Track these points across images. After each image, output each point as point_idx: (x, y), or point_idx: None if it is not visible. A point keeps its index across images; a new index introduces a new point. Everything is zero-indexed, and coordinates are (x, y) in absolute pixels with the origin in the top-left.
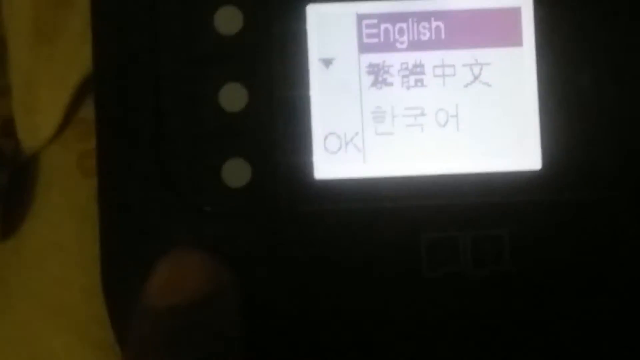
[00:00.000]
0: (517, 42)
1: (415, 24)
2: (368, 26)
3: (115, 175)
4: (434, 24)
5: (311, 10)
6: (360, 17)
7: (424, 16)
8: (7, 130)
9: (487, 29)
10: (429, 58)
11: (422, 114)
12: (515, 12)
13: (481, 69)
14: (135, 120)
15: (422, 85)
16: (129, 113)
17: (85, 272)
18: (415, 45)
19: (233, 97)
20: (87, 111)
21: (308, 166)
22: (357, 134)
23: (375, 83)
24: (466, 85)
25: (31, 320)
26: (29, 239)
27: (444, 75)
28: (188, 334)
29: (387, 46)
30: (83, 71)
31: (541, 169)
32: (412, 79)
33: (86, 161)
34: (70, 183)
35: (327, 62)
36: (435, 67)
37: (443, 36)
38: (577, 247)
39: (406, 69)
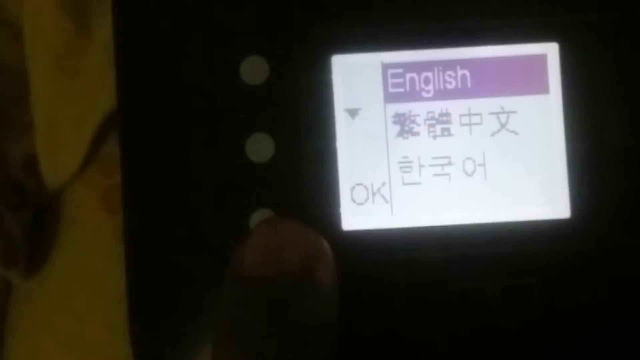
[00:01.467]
0: (544, 89)
1: (440, 73)
2: (393, 76)
3: (140, 214)
4: (460, 72)
5: (336, 61)
6: (386, 67)
7: (450, 65)
8: (29, 168)
9: (514, 77)
10: (455, 107)
11: (449, 164)
12: (541, 60)
13: (508, 117)
14: (162, 165)
15: (449, 134)
16: (155, 158)
17: (110, 309)
18: (441, 94)
19: (260, 147)
20: (110, 148)
21: (335, 217)
22: (384, 184)
23: (401, 133)
24: (493, 134)
25: (54, 357)
26: (53, 276)
27: (470, 124)
28: (286, 304)
29: (413, 95)
30: (105, 108)
31: (570, 218)
32: (438, 128)
33: (110, 198)
34: (94, 220)
35: (353, 113)
36: (461, 115)
37: (469, 85)
38: (608, 296)
39: (432, 118)
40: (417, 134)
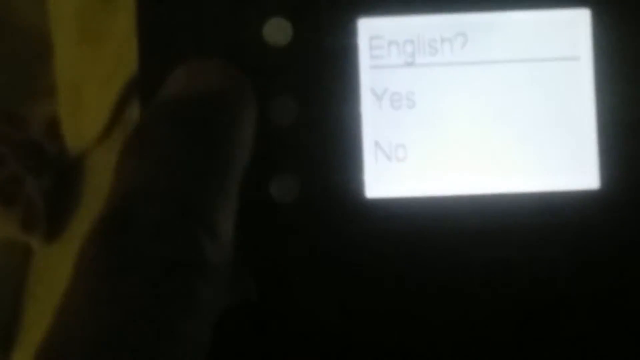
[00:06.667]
0: (575, 55)
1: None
2: None
3: None
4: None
5: (363, 25)
6: None
7: (482, 28)
8: (52, 132)
9: (545, 42)
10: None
11: None
12: (573, 24)
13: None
14: None
15: None
16: None
17: None
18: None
19: (282, 110)
20: (134, 113)
21: (359, 184)
22: (411, 150)
23: None
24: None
25: None
26: (74, 242)
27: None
28: (196, 116)
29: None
30: (129, 71)
31: (599, 189)
32: None
33: None
34: None
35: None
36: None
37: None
38: (638, 269)
39: None
40: None
